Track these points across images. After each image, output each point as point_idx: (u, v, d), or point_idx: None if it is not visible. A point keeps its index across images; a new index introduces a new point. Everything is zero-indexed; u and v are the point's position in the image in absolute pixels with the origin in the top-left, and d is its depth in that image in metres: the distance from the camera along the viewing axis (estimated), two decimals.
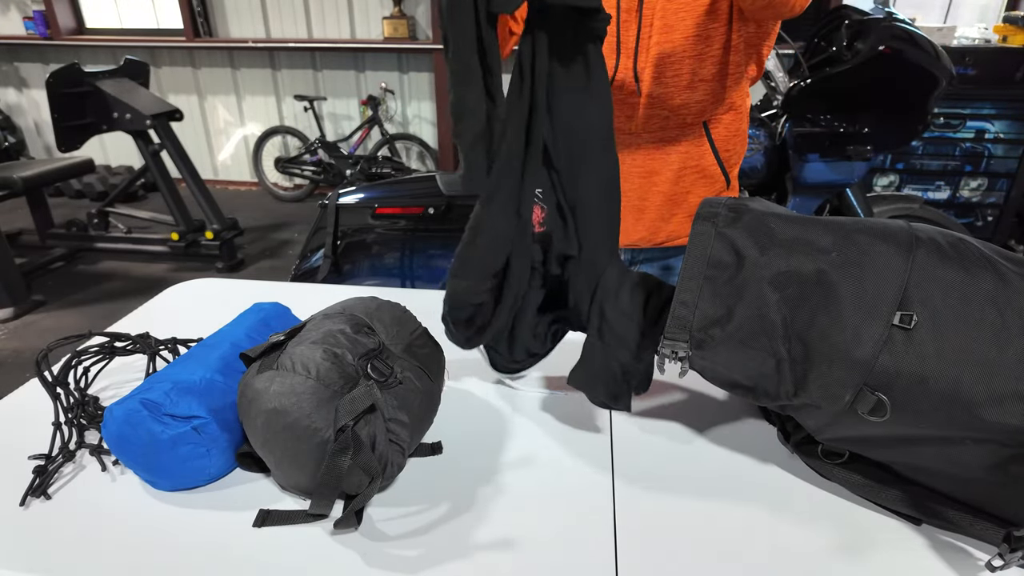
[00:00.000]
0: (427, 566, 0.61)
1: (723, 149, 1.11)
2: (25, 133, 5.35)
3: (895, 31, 2.06)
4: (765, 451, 0.78)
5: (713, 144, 1.09)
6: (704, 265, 0.68)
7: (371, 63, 4.59)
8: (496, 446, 0.78)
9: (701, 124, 1.07)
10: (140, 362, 0.95)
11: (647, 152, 1.08)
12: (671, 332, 0.69)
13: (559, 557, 0.62)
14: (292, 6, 4.56)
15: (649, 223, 1.15)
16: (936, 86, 2.09)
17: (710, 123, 1.08)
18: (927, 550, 0.64)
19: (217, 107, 4.99)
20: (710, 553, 0.63)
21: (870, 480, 0.70)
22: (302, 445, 0.64)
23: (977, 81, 3.04)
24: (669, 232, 1.16)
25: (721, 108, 1.07)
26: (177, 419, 0.67)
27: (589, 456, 0.77)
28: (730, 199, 0.72)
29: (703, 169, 1.11)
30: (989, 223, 3.31)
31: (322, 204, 2.00)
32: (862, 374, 0.61)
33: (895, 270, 0.61)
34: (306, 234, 2.10)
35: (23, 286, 3.13)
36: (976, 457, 0.60)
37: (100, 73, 3.33)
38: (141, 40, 4.75)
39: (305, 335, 0.71)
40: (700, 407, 0.87)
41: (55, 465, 0.72)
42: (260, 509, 0.67)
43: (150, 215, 3.74)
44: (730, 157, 1.12)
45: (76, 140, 3.34)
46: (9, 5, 4.92)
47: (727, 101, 1.07)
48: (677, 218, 1.14)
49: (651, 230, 1.15)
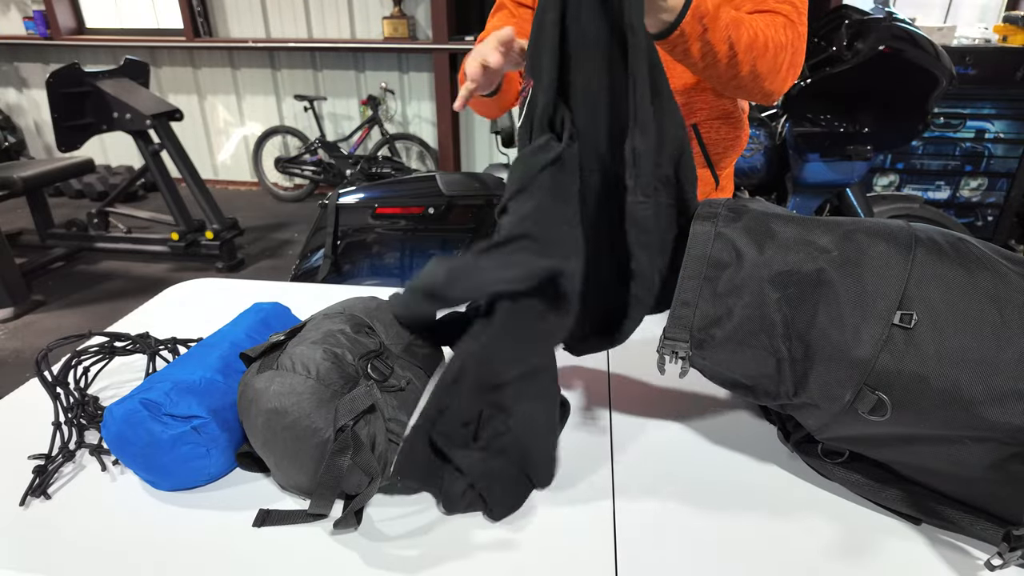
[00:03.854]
0: (427, 566, 0.61)
1: (713, 153, 1.10)
2: (25, 133, 5.35)
3: (895, 31, 2.06)
4: (765, 450, 0.78)
5: (704, 148, 1.09)
6: (704, 265, 0.68)
7: (371, 63, 4.59)
8: None
9: (691, 127, 1.07)
10: (140, 362, 0.95)
11: None
12: (671, 332, 0.69)
13: (559, 557, 0.62)
14: (292, 6, 4.56)
15: None
16: (936, 86, 2.09)
17: (700, 127, 1.08)
18: (927, 549, 0.64)
19: (217, 107, 4.99)
20: (710, 552, 0.63)
21: (870, 479, 0.70)
22: (302, 445, 0.64)
23: (977, 81, 3.04)
24: None
25: (712, 114, 1.07)
26: (177, 419, 0.67)
27: (589, 455, 0.77)
28: (729, 199, 0.72)
29: None
30: (989, 223, 3.31)
31: (322, 204, 2.00)
32: (862, 373, 0.61)
33: (895, 269, 0.61)
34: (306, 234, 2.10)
35: (23, 286, 3.13)
36: (976, 456, 0.60)
37: (100, 73, 3.33)
38: (141, 40, 4.75)
39: (305, 335, 0.71)
40: (700, 407, 0.87)
41: (55, 465, 0.72)
42: (260, 509, 0.67)
43: (150, 215, 3.74)
44: (719, 160, 1.12)
45: (76, 140, 3.34)
46: (9, 5, 4.92)
47: (718, 108, 1.07)
48: None
49: None
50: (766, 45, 0.88)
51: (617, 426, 0.83)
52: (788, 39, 0.90)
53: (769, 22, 0.90)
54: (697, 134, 1.08)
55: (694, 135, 1.07)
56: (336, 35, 4.59)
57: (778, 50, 0.89)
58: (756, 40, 0.87)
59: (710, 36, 0.83)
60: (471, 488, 0.68)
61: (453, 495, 0.67)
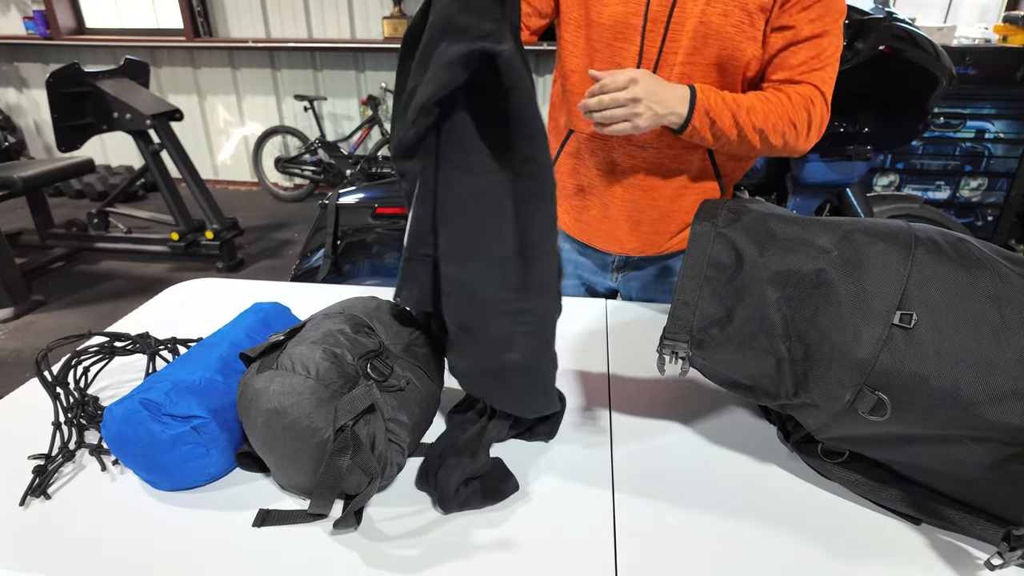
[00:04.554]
0: (426, 566, 0.61)
1: (724, 173, 1.11)
2: (25, 133, 5.35)
3: (895, 31, 2.05)
4: (765, 450, 0.78)
5: (717, 169, 1.10)
6: (704, 265, 0.68)
7: (371, 63, 4.59)
8: (494, 446, 0.78)
9: (707, 152, 1.07)
10: (140, 362, 0.95)
11: (649, 166, 1.08)
12: (671, 332, 0.69)
13: (559, 557, 0.62)
14: (292, 6, 4.56)
15: (644, 236, 1.15)
16: (936, 86, 2.08)
17: (716, 155, 1.08)
18: (927, 549, 0.64)
19: (217, 107, 4.99)
20: (709, 552, 0.63)
21: (870, 479, 0.70)
22: (301, 445, 0.64)
23: (977, 81, 3.04)
24: (661, 246, 1.17)
25: None
26: (177, 419, 0.67)
27: (588, 455, 0.77)
28: (729, 200, 0.72)
29: (703, 190, 1.12)
30: (989, 223, 3.31)
31: (322, 204, 2.00)
32: (862, 373, 0.61)
33: (895, 270, 0.61)
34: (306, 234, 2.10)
35: (23, 286, 3.13)
36: (976, 456, 0.60)
37: (100, 73, 3.33)
38: (141, 40, 4.75)
39: (305, 335, 0.71)
40: (700, 406, 0.87)
41: (55, 465, 0.72)
42: (260, 509, 0.67)
43: (150, 215, 3.74)
44: (729, 176, 1.13)
45: (76, 140, 3.34)
46: (9, 5, 4.92)
47: None
48: (670, 232, 1.15)
49: (644, 243, 1.16)
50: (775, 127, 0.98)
51: (617, 426, 0.83)
52: (804, 119, 0.98)
53: (786, 103, 0.98)
54: (712, 159, 1.08)
55: (708, 159, 1.08)
56: (336, 35, 4.59)
57: (789, 127, 0.99)
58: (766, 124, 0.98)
59: (720, 126, 0.97)
60: (465, 485, 0.69)
61: (447, 493, 0.68)
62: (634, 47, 1.00)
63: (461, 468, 0.69)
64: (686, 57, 0.98)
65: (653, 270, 1.21)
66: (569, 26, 1.05)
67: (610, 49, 1.02)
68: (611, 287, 1.27)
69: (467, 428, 0.76)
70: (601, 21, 1.01)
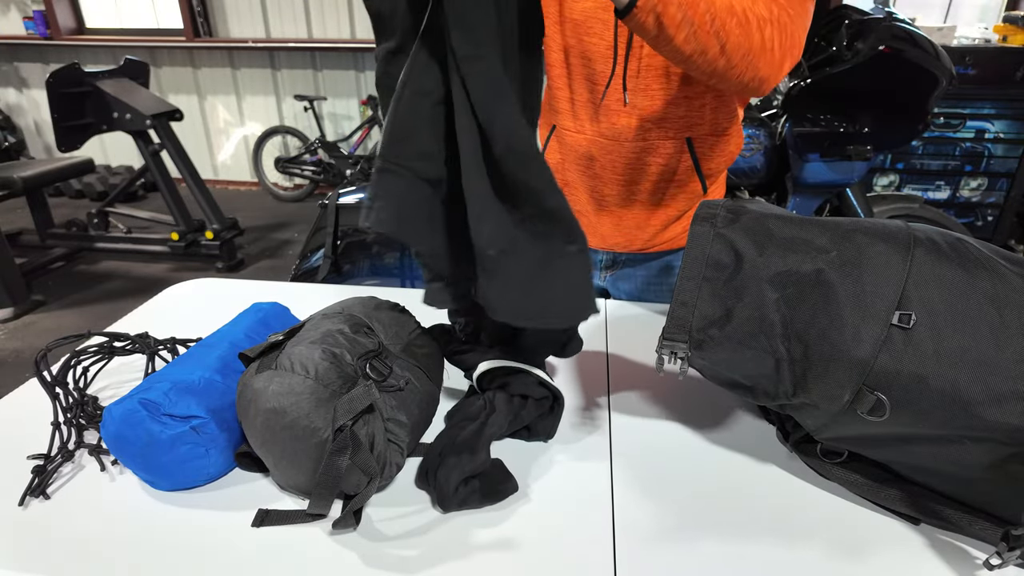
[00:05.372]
0: (426, 566, 0.61)
1: (705, 166, 1.11)
2: (25, 133, 5.35)
3: (895, 31, 2.06)
4: (764, 450, 0.78)
5: (696, 161, 1.09)
6: (703, 266, 0.68)
7: (371, 63, 4.59)
8: (494, 446, 0.78)
9: (684, 140, 1.07)
10: (139, 362, 0.95)
11: (628, 161, 1.08)
12: (670, 332, 0.69)
13: (559, 557, 0.62)
14: (292, 6, 4.56)
15: (627, 231, 1.16)
16: (936, 86, 2.09)
17: (695, 141, 1.08)
18: (926, 549, 0.64)
19: (217, 107, 4.99)
20: (709, 552, 0.63)
21: (869, 479, 0.70)
22: (301, 445, 0.64)
23: (977, 81, 3.04)
24: (644, 241, 1.17)
25: (708, 129, 1.07)
26: (176, 419, 0.67)
27: (588, 455, 0.77)
28: (728, 200, 0.72)
29: (683, 184, 1.12)
30: (989, 223, 3.31)
31: (322, 204, 2.00)
32: (861, 374, 0.61)
33: (894, 270, 0.61)
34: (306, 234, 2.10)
35: (23, 286, 3.13)
36: (975, 456, 0.60)
37: (100, 73, 3.34)
38: (141, 40, 4.75)
39: (304, 335, 0.71)
40: (700, 406, 0.87)
41: (54, 465, 0.72)
42: (259, 509, 0.67)
43: (150, 215, 3.74)
44: (711, 172, 1.13)
45: (76, 140, 3.34)
46: (9, 5, 4.92)
47: (715, 123, 1.07)
48: (654, 228, 1.15)
49: (627, 238, 1.16)
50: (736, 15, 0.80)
51: (616, 426, 0.83)
52: (771, 14, 0.83)
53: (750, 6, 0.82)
54: (690, 147, 1.08)
55: (687, 149, 1.08)
56: (336, 35, 4.59)
57: (759, 24, 0.82)
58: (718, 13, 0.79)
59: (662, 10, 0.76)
60: (464, 484, 0.68)
61: (447, 492, 0.68)
62: (603, 42, 1.02)
63: (460, 466, 0.69)
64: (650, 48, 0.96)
65: (642, 271, 1.21)
66: (547, 21, 1.06)
67: (582, 44, 1.04)
68: (600, 286, 1.27)
69: (466, 426, 0.76)
70: (573, 17, 1.03)
